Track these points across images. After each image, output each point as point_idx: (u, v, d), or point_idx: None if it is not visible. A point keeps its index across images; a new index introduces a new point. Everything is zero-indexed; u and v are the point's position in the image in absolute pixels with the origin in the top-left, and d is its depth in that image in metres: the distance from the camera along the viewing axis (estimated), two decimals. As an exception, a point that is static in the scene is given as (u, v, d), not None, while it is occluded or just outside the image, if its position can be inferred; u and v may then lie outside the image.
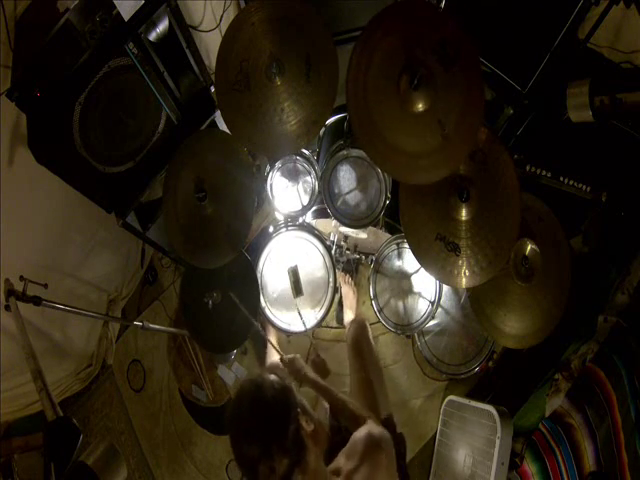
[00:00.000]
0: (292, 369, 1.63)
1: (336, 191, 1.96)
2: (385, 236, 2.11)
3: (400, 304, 2.16)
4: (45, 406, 1.15)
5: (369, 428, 1.27)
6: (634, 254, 1.91)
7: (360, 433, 1.25)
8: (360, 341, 2.07)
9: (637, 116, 1.73)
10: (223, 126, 1.73)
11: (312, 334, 2.56)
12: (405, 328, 2.13)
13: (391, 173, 1.66)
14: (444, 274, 1.54)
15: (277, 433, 1.06)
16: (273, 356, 2.31)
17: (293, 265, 2.02)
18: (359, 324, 2.22)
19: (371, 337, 2.16)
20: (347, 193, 1.95)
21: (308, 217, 2.13)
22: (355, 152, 1.86)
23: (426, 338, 2.27)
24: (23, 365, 1.42)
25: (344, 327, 2.43)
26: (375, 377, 1.86)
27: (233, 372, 2.70)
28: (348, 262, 2.44)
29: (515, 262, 1.59)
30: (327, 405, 1.68)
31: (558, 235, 1.55)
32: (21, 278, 1.60)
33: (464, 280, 1.51)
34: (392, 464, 1.23)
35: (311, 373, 1.61)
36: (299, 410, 1.12)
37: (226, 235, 1.74)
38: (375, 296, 2.15)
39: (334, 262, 2.02)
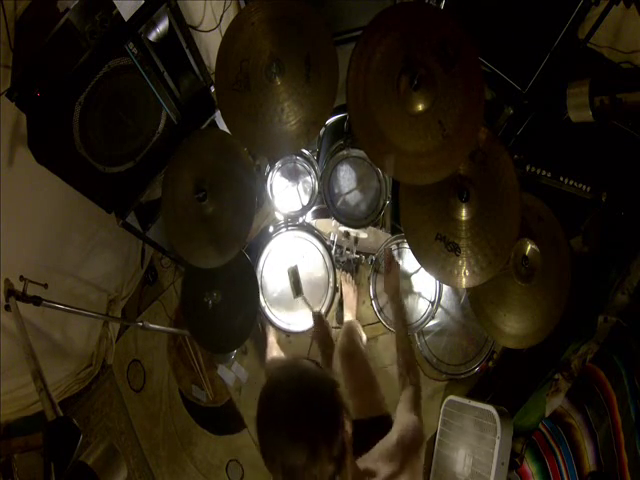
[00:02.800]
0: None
1: (336, 191, 1.95)
2: (385, 236, 2.11)
3: (400, 304, 2.16)
4: (45, 406, 1.15)
5: (405, 432, 1.17)
6: (634, 254, 1.91)
7: (400, 436, 1.15)
8: (348, 348, 1.98)
9: (637, 116, 1.73)
10: (223, 126, 1.72)
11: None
12: (405, 328, 2.13)
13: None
14: (444, 274, 1.54)
15: (328, 434, 0.87)
16: (273, 353, 2.31)
17: (293, 265, 2.02)
18: (347, 329, 2.15)
19: (361, 342, 2.09)
20: (347, 193, 1.95)
21: (308, 217, 2.13)
22: (355, 152, 1.86)
23: (426, 338, 2.27)
24: (23, 365, 1.42)
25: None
26: (368, 382, 1.81)
27: (233, 372, 2.70)
28: (348, 262, 2.44)
29: (515, 262, 1.59)
30: None
31: (558, 235, 1.55)
32: (21, 278, 1.60)
33: (464, 280, 1.51)
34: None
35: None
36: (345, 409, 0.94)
37: (226, 235, 1.74)
38: (375, 296, 2.15)
39: (334, 262, 2.02)
